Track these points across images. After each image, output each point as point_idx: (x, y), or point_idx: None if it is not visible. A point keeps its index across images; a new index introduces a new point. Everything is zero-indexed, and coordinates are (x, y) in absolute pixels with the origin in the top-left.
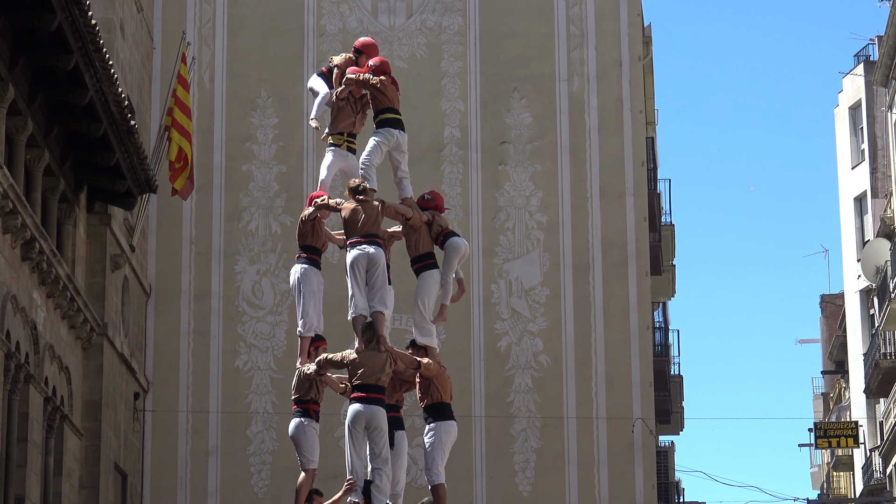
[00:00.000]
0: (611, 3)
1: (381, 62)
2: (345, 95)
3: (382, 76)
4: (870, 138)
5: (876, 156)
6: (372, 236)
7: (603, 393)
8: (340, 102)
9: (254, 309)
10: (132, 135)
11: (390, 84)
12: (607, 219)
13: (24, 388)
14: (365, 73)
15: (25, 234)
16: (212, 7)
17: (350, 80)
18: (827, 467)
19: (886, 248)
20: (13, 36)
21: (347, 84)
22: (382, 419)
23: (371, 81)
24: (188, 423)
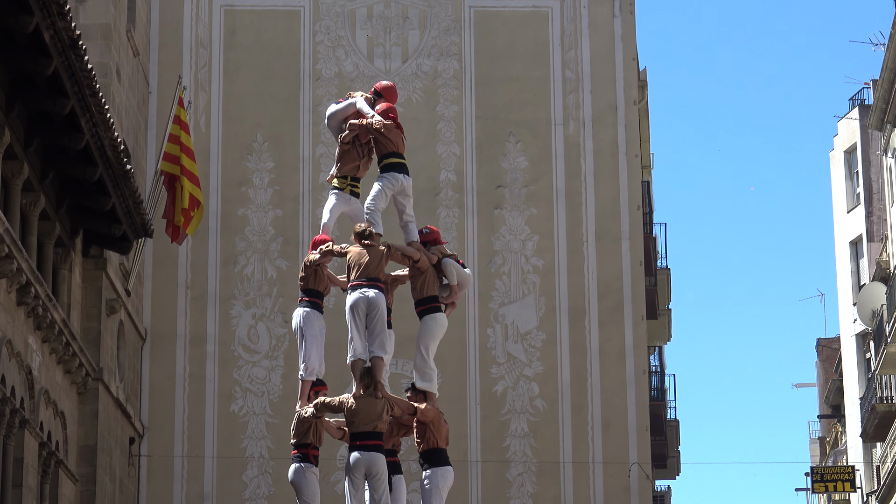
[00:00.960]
0: (606, 48)
1: (388, 107)
2: (349, 140)
3: (388, 121)
4: (865, 182)
5: (871, 199)
6: (374, 280)
7: (599, 438)
8: (345, 146)
9: (249, 353)
10: (128, 179)
11: (395, 129)
12: (603, 263)
13: (19, 433)
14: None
15: (21, 279)
16: (208, 51)
17: (354, 126)
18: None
19: (882, 291)
20: (9, 80)
21: (352, 129)
22: (382, 466)
23: (375, 126)
24: (183, 469)
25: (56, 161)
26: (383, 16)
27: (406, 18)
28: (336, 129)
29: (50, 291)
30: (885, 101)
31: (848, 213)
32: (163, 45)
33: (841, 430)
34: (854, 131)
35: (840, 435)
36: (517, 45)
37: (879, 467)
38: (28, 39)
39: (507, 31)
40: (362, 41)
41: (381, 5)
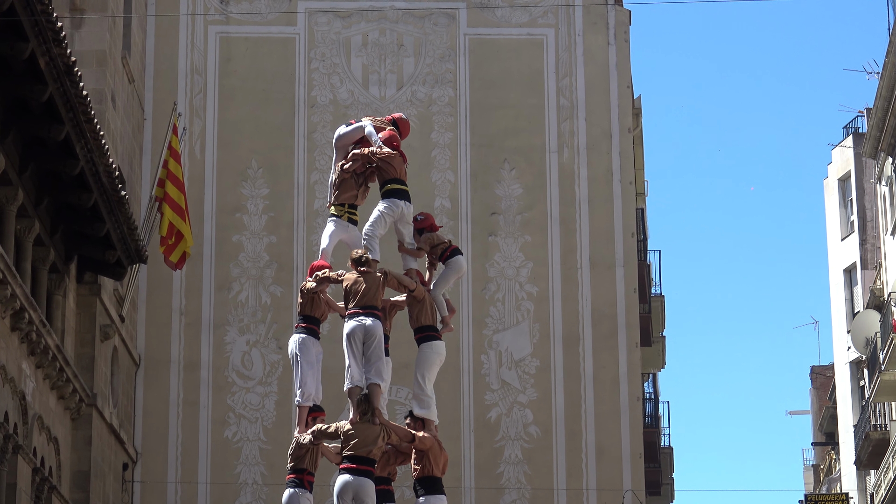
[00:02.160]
0: (601, 76)
1: (391, 135)
2: (351, 169)
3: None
4: (859, 210)
5: (865, 227)
6: (371, 308)
7: (593, 464)
8: (345, 174)
9: (243, 380)
10: (123, 205)
11: (398, 156)
12: (597, 290)
13: (12, 458)
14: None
15: (15, 305)
16: (203, 78)
17: (358, 155)
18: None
19: (876, 319)
20: (4, 106)
21: (355, 159)
22: (370, 492)
23: (377, 154)
24: (177, 495)
25: (51, 187)
26: (378, 43)
27: (401, 46)
28: (342, 150)
29: (44, 317)
30: (879, 130)
31: (842, 240)
32: (158, 71)
33: (835, 458)
34: (848, 159)
35: (834, 462)
36: (512, 73)
37: (873, 495)
38: (23, 66)
39: (502, 59)
40: (357, 68)
41: (377, 33)
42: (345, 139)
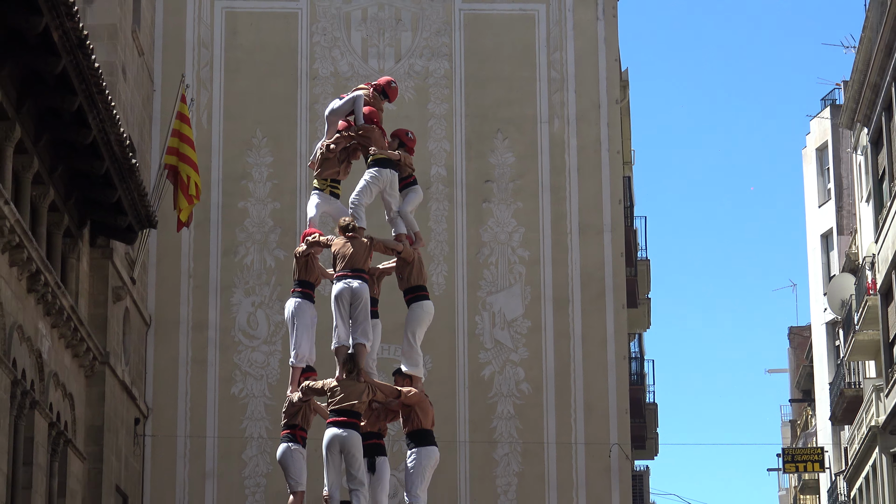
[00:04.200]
0: (590, 49)
1: (370, 111)
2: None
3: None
4: (836, 178)
5: (842, 195)
6: (358, 271)
7: (581, 420)
8: (329, 153)
9: (249, 339)
10: (133, 173)
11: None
12: (586, 254)
13: (29, 413)
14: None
15: (31, 268)
16: (209, 51)
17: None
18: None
19: (851, 282)
20: (20, 78)
21: (337, 142)
22: (357, 444)
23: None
24: (186, 448)
25: (65, 155)
26: (377, 18)
27: (399, 21)
28: (333, 124)
29: (59, 279)
30: (856, 102)
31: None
32: (166, 44)
33: (811, 414)
34: (826, 130)
35: (810, 418)
36: (505, 47)
37: (847, 449)
38: (38, 39)
39: (495, 33)
40: (357, 42)
41: (376, 8)
42: (337, 114)
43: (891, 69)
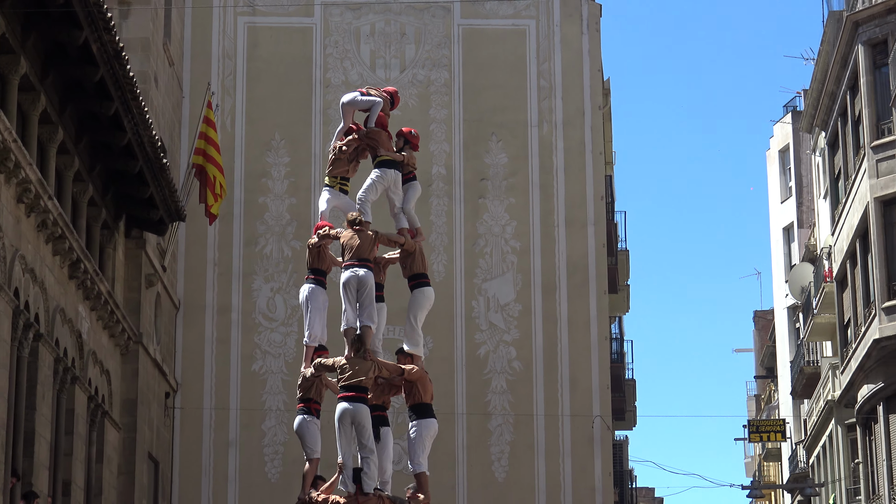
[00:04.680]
0: (575, 60)
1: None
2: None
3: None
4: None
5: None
6: (364, 261)
7: (567, 394)
8: (340, 154)
9: (268, 321)
10: (164, 171)
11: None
12: (571, 245)
13: (70, 388)
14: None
15: (72, 256)
16: (233, 62)
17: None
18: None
19: (810, 271)
20: (62, 86)
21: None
22: (366, 416)
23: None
24: (211, 419)
25: (102, 156)
26: (384, 32)
27: (403, 34)
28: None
29: (97, 267)
30: (814, 108)
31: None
32: (194, 56)
33: (774, 389)
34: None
35: (773, 393)
36: (499, 58)
37: (806, 420)
38: (78, 51)
39: (490, 46)
40: (366, 54)
41: (383, 23)
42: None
43: (846, 79)
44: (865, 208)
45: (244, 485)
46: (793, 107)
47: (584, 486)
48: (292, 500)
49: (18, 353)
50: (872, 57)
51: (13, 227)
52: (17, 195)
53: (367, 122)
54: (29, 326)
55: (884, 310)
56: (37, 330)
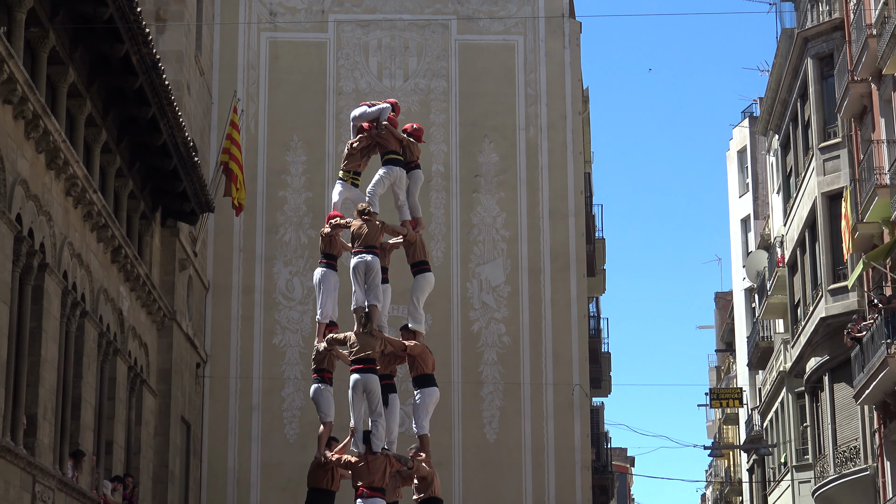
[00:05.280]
0: (558, 72)
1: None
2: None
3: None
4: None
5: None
6: (371, 247)
7: (550, 365)
8: (353, 150)
9: (287, 301)
10: (195, 168)
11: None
12: (554, 234)
13: (112, 359)
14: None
15: (114, 243)
16: (256, 72)
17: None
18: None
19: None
20: (105, 93)
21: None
22: (376, 384)
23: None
24: (237, 387)
25: (141, 155)
26: (389, 46)
27: (407, 48)
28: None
29: (136, 253)
30: (769, 114)
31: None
32: (222, 66)
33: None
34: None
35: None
36: (491, 69)
37: (761, 389)
38: (120, 62)
39: (483, 59)
40: (373, 65)
41: (388, 38)
42: (364, 118)
43: (797, 88)
44: (814, 202)
45: (265, 444)
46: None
47: (565, 446)
48: (308, 458)
49: (67, 328)
50: (820, 69)
51: (62, 217)
52: (65, 189)
53: (378, 123)
54: (76, 305)
55: (829, 291)
56: (83, 308)
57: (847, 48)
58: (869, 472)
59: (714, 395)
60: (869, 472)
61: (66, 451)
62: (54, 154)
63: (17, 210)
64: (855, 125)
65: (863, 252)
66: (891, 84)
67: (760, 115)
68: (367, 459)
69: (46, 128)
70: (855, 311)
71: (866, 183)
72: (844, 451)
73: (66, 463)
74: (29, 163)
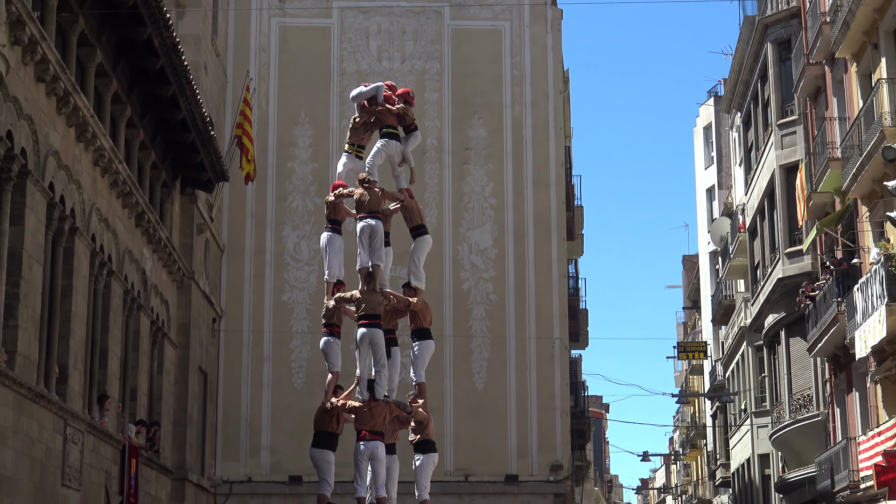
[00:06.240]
0: (541, 54)
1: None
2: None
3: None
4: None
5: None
6: (374, 212)
7: (533, 320)
8: (357, 123)
9: (295, 262)
10: (212, 142)
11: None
12: (537, 202)
13: (136, 314)
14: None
15: (138, 209)
16: (267, 54)
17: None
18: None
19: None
20: (129, 73)
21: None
22: (380, 338)
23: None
24: (249, 340)
25: (162, 129)
26: (388, 31)
27: (404, 33)
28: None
29: (158, 218)
30: (732, 93)
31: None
32: (236, 49)
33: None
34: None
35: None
36: (480, 52)
37: (723, 343)
38: (143, 44)
39: (473, 42)
40: (374, 48)
41: (387, 23)
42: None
43: (757, 70)
44: (772, 174)
45: (275, 392)
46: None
47: (546, 394)
48: (314, 404)
49: (95, 286)
50: (779, 53)
51: (91, 185)
52: (93, 160)
53: (376, 100)
54: (103, 265)
55: (786, 255)
56: (109, 268)
57: (803, 34)
58: (820, 417)
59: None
60: (820, 417)
61: (95, 398)
62: (83, 128)
63: (49, 179)
64: (810, 104)
65: (816, 219)
66: (842, 67)
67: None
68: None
69: (76, 104)
70: (809, 272)
71: (820, 156)
72: (798, 399)
73: (94, 408)
74: (60, 136)
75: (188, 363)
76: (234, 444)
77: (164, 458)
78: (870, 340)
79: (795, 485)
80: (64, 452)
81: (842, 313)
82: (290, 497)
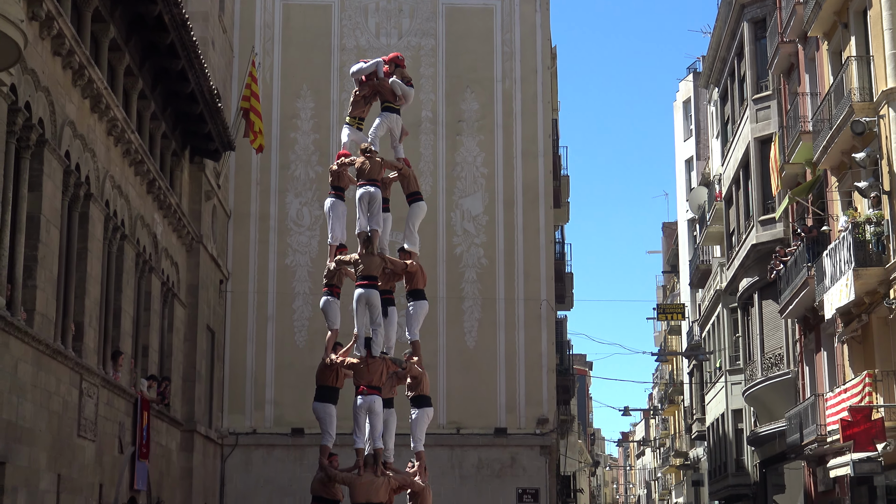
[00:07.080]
0: (530, 32)
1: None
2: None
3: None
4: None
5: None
6: (373, 180)
7: (522, 283)
8: (358, 97)
9: (297, 227)
10: (219, 113)
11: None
12: (526, 171)
13: (148, 276)
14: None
15: (149, 176)
16: (272, 30)
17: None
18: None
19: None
20: (141, 47)
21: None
22: (376, 298)
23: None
24: (255, 300)
25: (172, 100)
26: (386, 9)
27: (401, 10)
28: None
29: (168, 185)
30: (710, 70)
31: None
32: (242, 25)
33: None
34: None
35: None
36: (472, 30)
37: (700, 305)
38: (154, 20)
39: (466, 20)
40: (372, 25)
41: (385, 1)
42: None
43: (734, 48)
44: (747, 146)
45: (278, 349)
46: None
47: (534, 352)
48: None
49: (108, 249)
50: (755, 31)
51: (104, 154)
52: (107, 130)
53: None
54: (117, 229)
55: (760, 222)
56: (122, 232)
57: (778, 13)
58: (791, 375)
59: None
60: (791, 375)
61: (109, 354)
62: (97, 100)
63: (65, 147)
64: (783, 80)
65: (788, 188)
66: (814, 45)
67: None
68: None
69: (91, 77)
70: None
71: (792, 130)
72: (770, 358)
73: (108, 364)
74: (76, 107)
75: (197, 322)
76: (239, 398)
77: (174, 410)
78: (836, 303)
79: (766, 438)
80: (80, 405)
81: (811, 277)
82: (292, 448)
